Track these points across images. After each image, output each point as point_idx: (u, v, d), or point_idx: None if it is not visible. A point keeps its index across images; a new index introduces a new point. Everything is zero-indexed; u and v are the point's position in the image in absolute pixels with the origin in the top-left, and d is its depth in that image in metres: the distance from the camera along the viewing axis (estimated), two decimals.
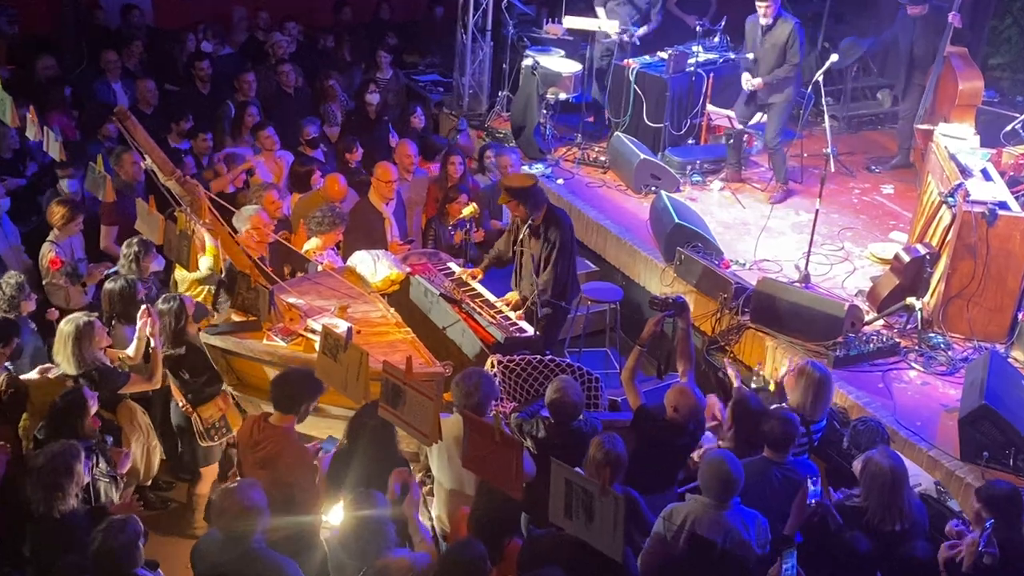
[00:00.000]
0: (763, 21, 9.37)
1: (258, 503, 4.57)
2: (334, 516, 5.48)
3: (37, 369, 6.14)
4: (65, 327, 5.85)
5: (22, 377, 6.07)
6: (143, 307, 6.18)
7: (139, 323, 6.17)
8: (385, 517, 4.66)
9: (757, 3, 9.40)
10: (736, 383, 6.32)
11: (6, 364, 6.08)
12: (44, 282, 7.31)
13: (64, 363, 5.85)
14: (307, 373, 5.36)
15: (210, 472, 6.65)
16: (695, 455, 5.71)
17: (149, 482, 6.40)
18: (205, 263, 7.12)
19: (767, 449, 5.33)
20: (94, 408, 5.51)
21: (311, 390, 5.34)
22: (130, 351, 6.26)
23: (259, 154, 9.26)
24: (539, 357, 6.56)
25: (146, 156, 6.13)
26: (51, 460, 4.83)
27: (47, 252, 7.28)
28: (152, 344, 6.16)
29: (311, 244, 7.64)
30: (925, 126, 9.69)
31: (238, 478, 6.25)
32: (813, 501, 4.87)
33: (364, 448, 5.26)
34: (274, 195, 7.99)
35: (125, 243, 6.98)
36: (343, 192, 8.45)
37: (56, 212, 7.31)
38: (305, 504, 5.26)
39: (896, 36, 10.55)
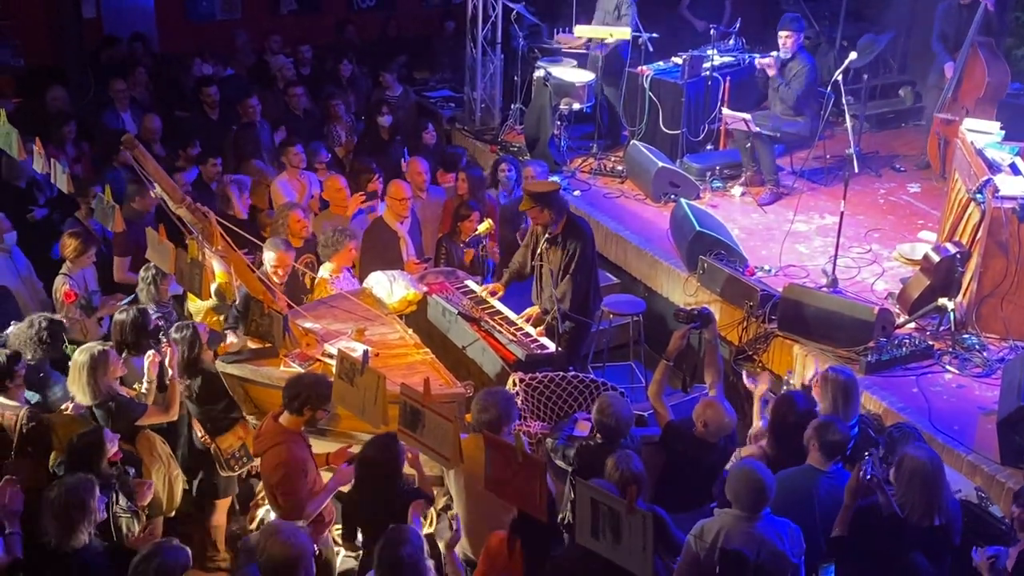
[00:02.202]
0: (782, 54, 9.44)
1: (304, 546, 4.45)
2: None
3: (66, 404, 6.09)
4: (79, 357, 5.77)
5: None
6: (149, 352, 6.07)
7: (146, 365, 6.05)
8: (421, 554, 4.53)
9: (779, 32, 9.35)
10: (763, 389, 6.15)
11: (26, 396, 6.00)
12: (59, 316, 7.23)
13: (79, 394, 5.76)
14: (320, 379, 5.37)
15: (224, 503, 6.56)
16: None
17: (173, 513, 6.29)
18: (213, 287, 7.03)
19: (815, 457, 5.15)
20: (113, 449, 5.42)
21: (317, 396, 5.30)
22: (143, 389, 6.16)
23: (284, 171, 9.19)
24: (562, 374, 6.47)
25: (155, 184, 6.05)
26: (65, 494, 4.76)
27: (60, 285, 7.21)
28: (170, 374, 6.06)
29: (325, 270, 7.54)
30: (945, 115, 9.52)
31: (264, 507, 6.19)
32: (869, 476, 4.76)
33: (372, 490, 5.16)
34: (299, 214, 7.92)
35: (143, 267, 6.94)
36: (343, 192, 8.48)
37: (68, 244, 7.25)
38: (290, 513, 5.22)
39: (941, 26, 10.20)
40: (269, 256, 6.92)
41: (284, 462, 5.27)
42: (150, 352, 6.07)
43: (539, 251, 7.18)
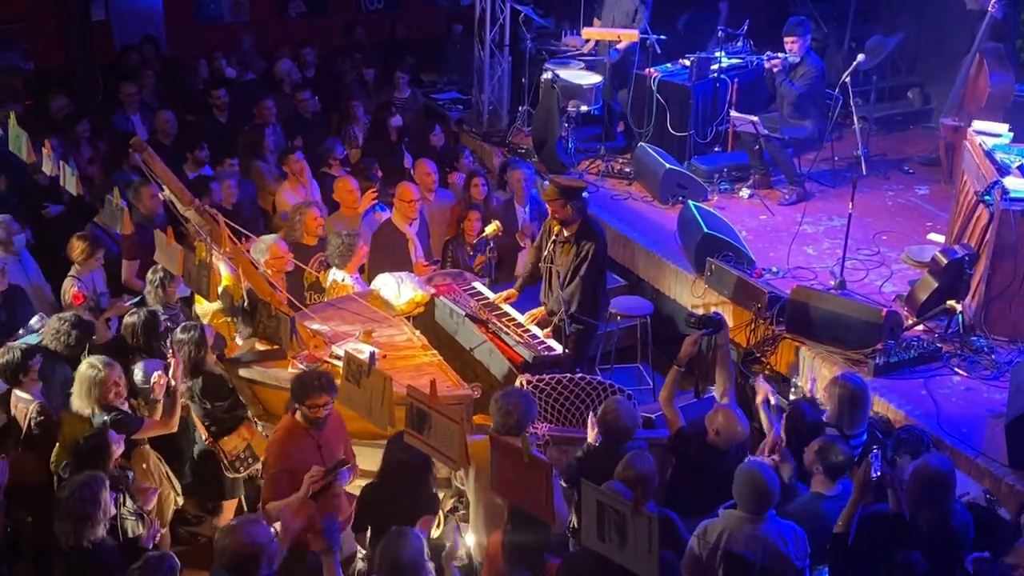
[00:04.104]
0: (790, 58, 9.40)
1: (259, 539, 4.48)
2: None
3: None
4: (83, 369, 5.76)
5: None
6: (157, 372, 6.07)
7: (152, 383, 6.05)
8: (422, 556, 4.54)
9: (785, 39, 9.35)
10: (761, 398, 6.12)
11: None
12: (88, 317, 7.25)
13: (79, 405, 5.74)
14: (305, 375, 5.52)
15: (231, 504, 6.56)
16: None
17: (164, 529, 6.30)
18: (219, 290, 7.05)
19: (820, 481, 5.13)
20: (119, 450, 5.46)
21: (295, 392, 5.42)
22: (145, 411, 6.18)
23: (286, 180, 9.21)
24: (569, 375, 6.45)
25: (164, 186, 6.07)
26: (77, 490, 4.79)
27: (69, 287, 7.23)
28: (172, 385, 6.06)
29: (340, 274, 7.55)
30: (951, 121, 9.48)
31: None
32: (878, 474, 4.73)
33: (399, 486, 5.16)
34: (315, 212, 7.97)
35: (151, 270, 6.96)
36: (354, 193, 8.54)
37: (76, 247, 7.27)
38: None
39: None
40: (259, 259, 6.91)
41: (270, 445, 5.58)
42: (157, 373, 6.07)
43: (546, 252, 7.18)
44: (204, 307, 7.21)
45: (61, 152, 8.27)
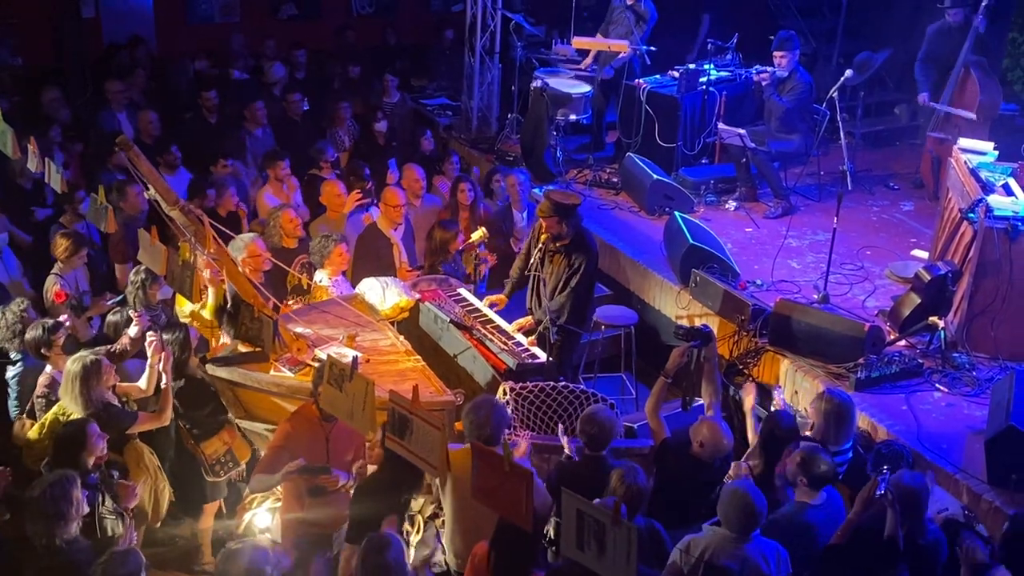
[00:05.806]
0: (779, 72, 9.47)
1: (259, 565, 4.44)
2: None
3: None
4: (71, 367, 5.67)
5: None
6: (151, 337, 6.04)
7: (149, 352, 6.03)
8: (404, 558, 4.52)
9: (774, 53, 9.39)
10: (751, 404, 6.14)
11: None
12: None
13: (71, 404, 5.67)
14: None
15: (211, 507, 6.53)
16: None
17: (158, 524, 6.26)
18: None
19: (804, 491, 5.12)
20: (101, 445, 5.40)
21: (314, 378, 5.57)
22: (142, 383, 6.13)
23: (267, 183, 9.18)
24: (552, 384, 6.46)
25: (149, 186, 6.04)
26: (48, 488, 4.76)
27: (51, 285, 7.20)
28: (163, 380, 6.03)
29: (321, 276, 7.53)
30: (938, 134, 9.55)
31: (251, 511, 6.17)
32: (883, 490, 4.73)
33: (397, 476, 5.15)
34: (291, 214, 7.93)
35: (132, 271, 6.93)
36: (341, 197, 8.55)
37: (60, 245, 7.25)
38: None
39: (929, 48, 10.21)
40: (237, 257, 6.90)
41: (283, 422, 5.68)
42: (150, 334, 6.05)
43: (533, 261, 7.17)
44: (186, 308, 7.18)
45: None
